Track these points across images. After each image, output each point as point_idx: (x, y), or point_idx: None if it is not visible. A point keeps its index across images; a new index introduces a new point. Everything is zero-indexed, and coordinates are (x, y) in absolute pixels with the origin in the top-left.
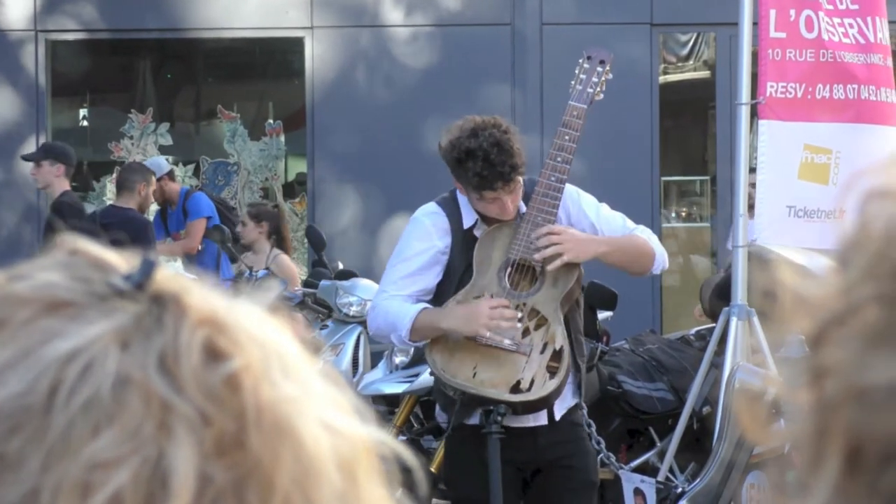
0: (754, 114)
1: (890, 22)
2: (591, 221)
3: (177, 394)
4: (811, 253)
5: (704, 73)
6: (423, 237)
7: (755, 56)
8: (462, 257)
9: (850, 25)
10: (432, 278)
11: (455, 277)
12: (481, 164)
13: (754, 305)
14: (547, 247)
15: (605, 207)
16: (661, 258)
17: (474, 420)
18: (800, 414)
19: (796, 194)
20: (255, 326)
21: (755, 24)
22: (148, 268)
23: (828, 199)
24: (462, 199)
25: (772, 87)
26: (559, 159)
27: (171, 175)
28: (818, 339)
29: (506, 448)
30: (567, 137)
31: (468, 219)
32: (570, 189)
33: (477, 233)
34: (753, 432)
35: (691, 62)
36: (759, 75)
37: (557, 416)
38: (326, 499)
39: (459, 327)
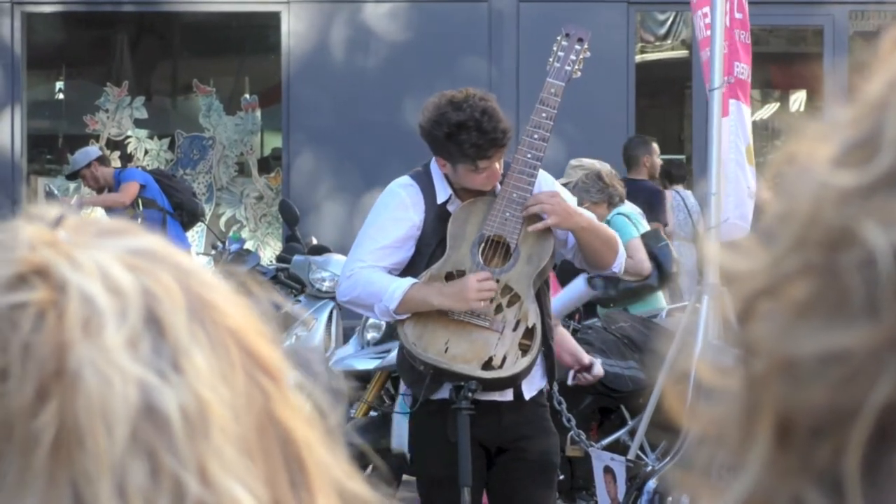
0: None
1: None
2: None
3: None
4: None
5: (682, 53)
6: (399, 208)
7: None
8: (434, 232)
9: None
10: (406, 251)
11: (427, 252)
12: (475, 133)
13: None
14: (534, 205)
15: (574, 202)
16: (622, 259)
17: (442, 395)
18: (728, 395)
19: (749, 175)
20: (90, 278)
21: None
22: (59, 217)
23: (752, 179)
24: (436, 174)
25: (737, 67)
26: (536, 136)
27: (101, 160)
28: (745, 314)
29: (471, 425)
30: (544, 115)
31: (442, 194)
32: (547, 176)
33: (450, 208)
34: (678, 414)
35: (669, 41)
36: (726, 56)
37: (527, 397)
38: (117, 447)
39: (451, 305)
